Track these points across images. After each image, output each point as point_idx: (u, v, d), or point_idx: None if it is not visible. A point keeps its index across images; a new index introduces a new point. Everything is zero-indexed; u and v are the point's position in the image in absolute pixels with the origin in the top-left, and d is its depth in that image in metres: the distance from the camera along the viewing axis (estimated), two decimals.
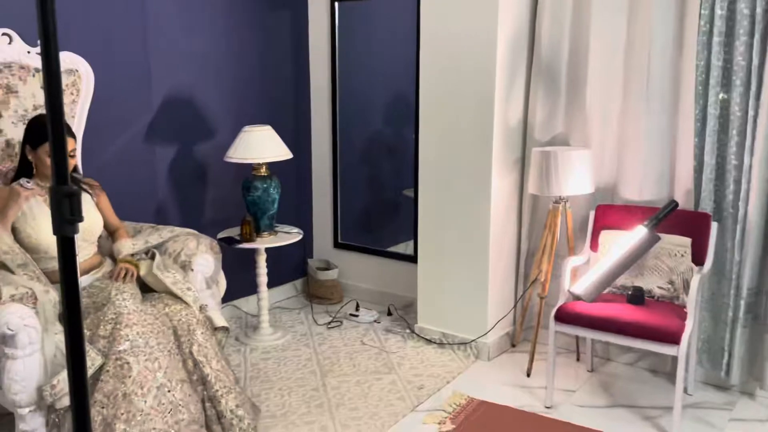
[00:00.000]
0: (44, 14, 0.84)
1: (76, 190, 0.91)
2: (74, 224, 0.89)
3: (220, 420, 2.24)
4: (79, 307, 0.94)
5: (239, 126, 3.26)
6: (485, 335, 3.10)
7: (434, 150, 3.13)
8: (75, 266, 0.93)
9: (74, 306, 0.92)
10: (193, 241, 2.49)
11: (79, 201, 0.93)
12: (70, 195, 0.88)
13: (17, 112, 2.37)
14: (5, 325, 1.86)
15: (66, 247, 0.90)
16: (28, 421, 1.95)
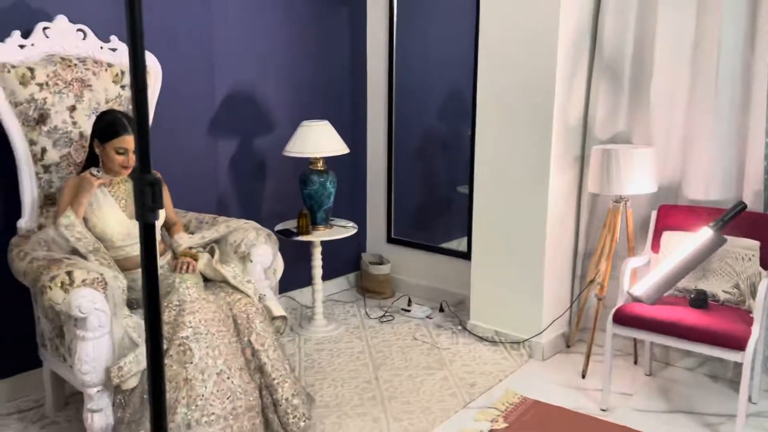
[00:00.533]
0: (132, 14, 0.88)
1: (158, 179, 0.95)
2: (155, 211, 0.93)
3: (276, 408, 2.29)
4: (158, 290, 0.98)
5: (297, 121, 3.31)
6: (539, 335, 3.06)
7: (491, 147, 3.10)
8: (155, 251, 0.98)
9: (153, 288, 0.96)
10: (253, 233, 2.55)
11: (161, 189, 0.97)
12: (152, 183, 0.92)
13: (90, 105, 2.48)
14: (77, 308, 1.95)
15: (147, 233, 0.94)
16: (96, 401, 2.05)
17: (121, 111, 2.41)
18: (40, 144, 2.36)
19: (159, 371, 1.00)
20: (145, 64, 0.93)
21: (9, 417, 2.51)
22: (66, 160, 2.43)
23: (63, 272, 1.98)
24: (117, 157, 2.26)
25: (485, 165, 3.15)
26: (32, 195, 2.38)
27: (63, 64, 2.41)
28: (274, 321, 2.45)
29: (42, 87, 2.34)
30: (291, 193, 3.60)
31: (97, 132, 2.29)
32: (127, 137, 2.26)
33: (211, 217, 2.69)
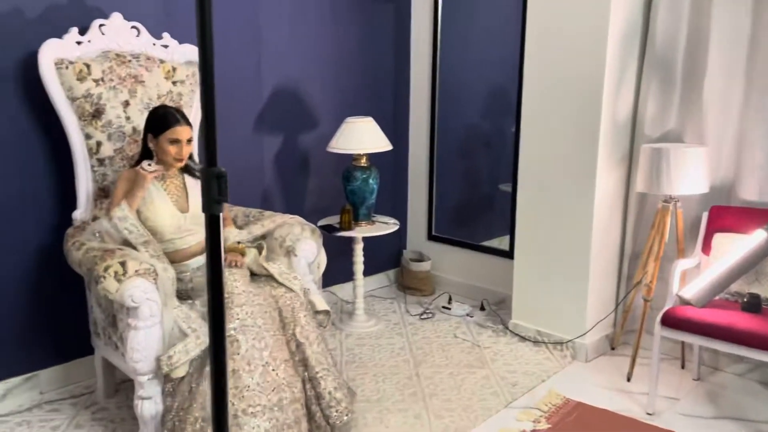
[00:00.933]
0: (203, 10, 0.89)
1: (224, 172, 0.97)
2: (221, 203, 0.95)
3: (319, 401, 2.31)
4: (221, 280, 1.00)
5: (340, 117, 3.33)
6: (583, 336, 3.01)
7: (536, 144, 3.07)
8: (220, 242, 1.00)
9: (217, 278, 0.98)
10: (298, 228, 2.58)
11: (226, 182, 0.98)
12: (218, 176, 0.94)
13: (143, 101, 2.54)
14: (130, 297, 2.00)
15: (213, 224, 0.96)
16: (146, 388, 2.10)
17: (172, 106, 2.46)
18: (96, 138, 2.43)
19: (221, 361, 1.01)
20: (212, 60, 0.94)
21: (62, 402, 2.60)
22: (119, 154, 2.50)
23: (116, 262, 2.03)
24: (170, 148, 2.32)
25: (530, 163, 3.11)
26: (87, 187, 2.45)
27: (118, 60, 2.48)
28: (317, 315, 2.47)
29: (98, 82, 2.41)
30: (333, 188, 3.63)
31: (150, 126, 2.35)
32: (179, 128, 2.31)
33: (258, 211, 2.72)
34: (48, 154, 2.56)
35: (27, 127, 2.49)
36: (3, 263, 2.50)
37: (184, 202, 2.41)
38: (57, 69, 2.33)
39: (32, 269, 2.58)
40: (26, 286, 2.57)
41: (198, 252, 2.42)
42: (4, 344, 2.55)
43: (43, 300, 2.62)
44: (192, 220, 2.40)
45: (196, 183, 2.47)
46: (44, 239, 2.59)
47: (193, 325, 2.12)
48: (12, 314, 2.55)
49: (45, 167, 2.56)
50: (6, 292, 2.52)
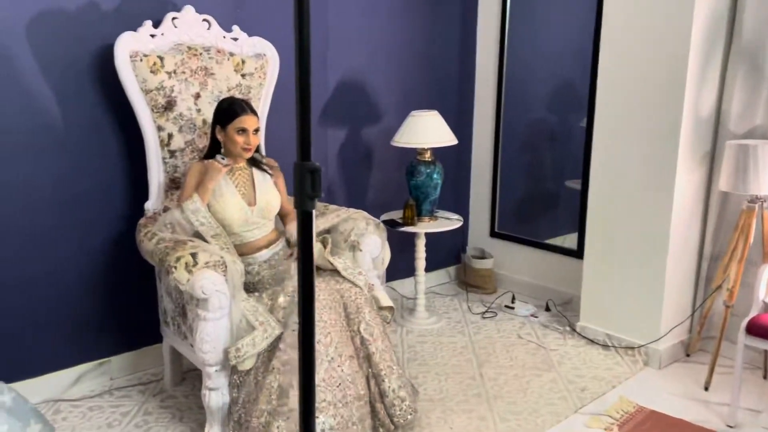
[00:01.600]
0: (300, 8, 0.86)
1: (318, 167, 0.93)
2: (314, 199, 0.91)
3: (383, 399, 2.27)
4: (312, 278, 0.97)
5: (404, 110, 3.28)
6: (657, 341, 2.87)
7: (611, 140, 2.94)
8: (312, 239, 0.96)
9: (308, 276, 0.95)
10: (362, 223, 2.55)
11: (320, 177, 0.95)
12: (312, 171, 0.90)
13: (213, 93, 2.56)
14: (200, 288, 2.01)
15: (305, 220, 0.92)
16: (214, 379, 2.11)
17: (238, 97, 2.46)
18: (167, 130, 2.46)
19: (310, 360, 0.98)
20: (309, 56, 0.91)
21: (131, 388, 2.65)
22: (190, 146, 2.52)
23: (187, 254, 2.05)
24: (238, 138, 2.32)
25: (604, 160, 2.99)
26: (159, 179, 2.48)
27: (189, 53, 2.50)
28: (380, 311, 2.44)
29: (170, 75, 2.44)
30: (396, 183, 3.59)
31: (218, 117, 2.36)
32: (245, 117, 2.31)
33: (323, 205, 2.71)
34: (121, 145, 2.61)
35: (101, 119, 2.55)
36: (77, 251, 2.56)
37: (252, 196, 2.41)
38: (132, 61, 2.36)
39: (105, 258, 2.64)
40: (99, 273, 2.64)
41: (264, 245, 2.42)
42: (79, 330, 2.62)
43: (114, 288, 2.68)
44: (259, 213, 2.40)
45: (263, 176, 2.47)
46: (117, 229, 2.65)
47: (261, 318, 2.12)
48: (85, 302, 2.62)
49: (118, 158, 2.61)
50: (79, 279, 2.59)
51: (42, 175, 2.44)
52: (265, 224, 2.44)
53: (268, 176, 2.49)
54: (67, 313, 2.58)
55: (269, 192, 2.45)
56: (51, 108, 2.42)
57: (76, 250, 2.56)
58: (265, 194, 2.43)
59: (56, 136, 2.45)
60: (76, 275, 2.58)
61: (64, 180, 2.50)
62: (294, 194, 0.95)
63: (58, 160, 2.47)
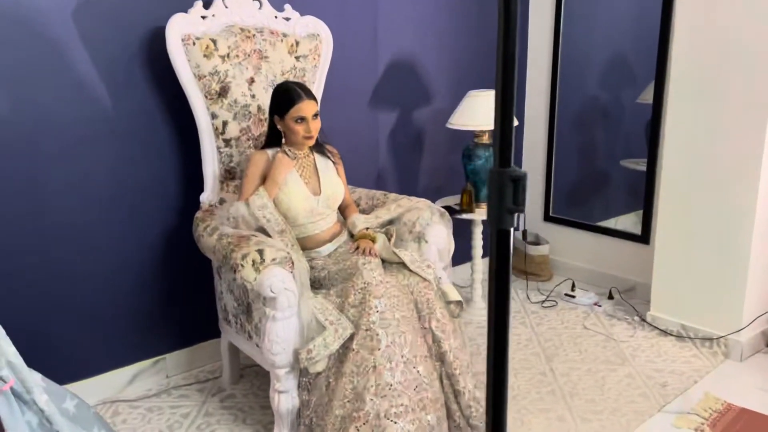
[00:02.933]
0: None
1: (523, 174, 0.77)
2: (513, 214, 0.76)
3: (458, 399, 2.14)
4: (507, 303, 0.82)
5: (455, 91, 3.12)
6: (739, 332, 2.70)
7: (689, 116, 2.73)
8: (509, 263, 0.80)
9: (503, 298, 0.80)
10: (427, 212, 2.40)
11: (525, 187, 0.78)
12: (515, 179, 0.74)
13: (267, 78, 2.41)
14: (268, 287, 1.89)
15: (502, 240, 0.77)
16: (283, 382, 2.00)
17: (295, 81, 2.31)
18: (221, 117, 2.33)
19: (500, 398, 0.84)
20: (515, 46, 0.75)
21: (189, 387, 2.56)
22: (245, 134, 2.39)
23: (254, 250, 1.92)
24: (296, 127, 2.18)
25: (680, 137, 2.78)
26: (214, 169, 2.36)
27: (242, 35, 2.36)
28: (448, 305, 2.30)
29: (224, 59, 2.30)
30: (448, 167, 3.44)
31: (275, 107, 2.22)
32: (302, 105, 2.16)
33: (382, 194, 2.56)
34: (174, 135, 2.49)
35: (153, 108, 2.42)
36: (130, 246, 2.46)
37: (316, 184, 2.27)
38: (184, 45, 2.23)
39: (158, 252, 2.54)
40: (153, 269, 2.53)
41: (329, 238, 2.29)
42: (134, 328, 2.53)
43: (169, 283, 2.58)
44: (324, 203, 2.26)
45: (326, 163, 2.33)
46: (170, 222, 2.54)
47: (331, 317, 1.99)
48: (139, 298, 2.52)
49: (171, 149, 2.49)
50: (133, 275, 2.49)
51: (95, 168, 2.33)
52: (330, 215, 2.30)
53: (330, 163, 2.35)
54: (121, 311, 2.49)
55: (333, 180, 2.31)
56: (102, 97, 2.30)
57: (129, 245, 2.46)
58: (329, 182, 2.29)
59: (108, 127, 2.34)
60: (130, 271, 2.48)
61: (117, 172, 2.38)
62: (488, 208, 0.78)
63: (111, 152, 2.36)
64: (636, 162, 3.68)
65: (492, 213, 0.75)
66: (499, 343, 0.81)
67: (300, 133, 2.19)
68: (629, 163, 3.69)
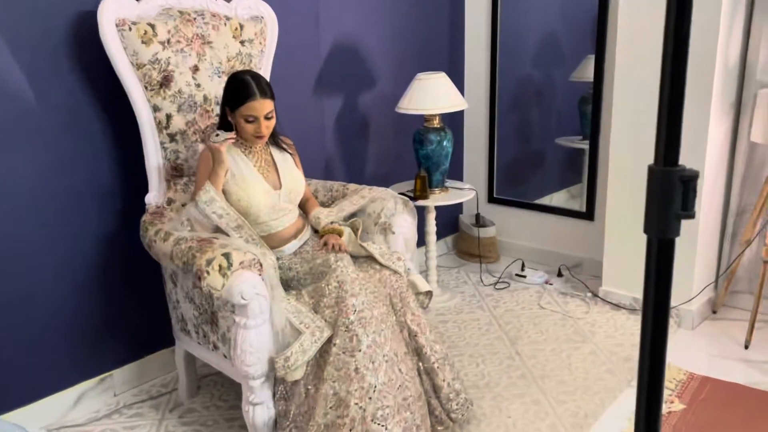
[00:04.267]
0: None
1: (694, 174, 0.66)
2: (681, 221, 0.66)
3: (437, 394, 2.08)
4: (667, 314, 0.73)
5: (398, 74, 3.03)
6: (690, 301, 2.79)
7: (632, 92, 2.77)
8: (670, 279, 0.71)
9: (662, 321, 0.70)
10: (391, 202, 2.30)
11: (695, 189, 0.68)
12: (685, 180, 0.64)
13: (212, 65, 2.22)
14: (239, 294, 1.73)
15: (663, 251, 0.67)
16: (258, 393, 1.86)
17: (252, 71, 2.13)
18: (165, 110, 2.12)
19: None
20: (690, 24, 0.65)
21: (142, 404, 2.36)
22: (191, 127, 2.19)
23: (219, 254, 1.76)
24: (247, 126, 2.00)
25: (624, 116, 2.83)
26: (158, 167, 2.15)
27: (182, 19, 2.15)
28: (417, 296, 2.22)
29: (164, 45, 2.09)
30: (395, 153, 3.36)
31: (227, 98, 2.03)
32: (254, 103, 1.98)
33: (341, 185, 2.44)
34: (109, 130, 2.25)
35: (83, 101, 2.18)
36: (65, 257, 2.21)
37: (276, 178, 2.12)
38: (119, 31, 2.00)
39: (96, 260, 2.30)
40: (92, 279, 2.30)
41: (293, 234, 2.14)
42: (75, 345, 2.29)
43: (110, 293, 2.36)
44: (286, 197, 2.11)
45: (283, 156, 2.18)
46: (108, 226, 2.31)
47: (306, 320, 1.86)
48: (79, 312, 2.28)
49: (106, 145, 2.26)
50: (71, 288, 2.25)
51: (18, 171, 2.06)
52: (293, 210, 2.16)
53: (288, 156, 2.20)
54: (59, 328, 2.24)
55: (293, 173, 2.17)
56: (23, 91, 2.04)
57: (63, 254, 2.21)
58: (289, 175, 2.14)
59: (32, 124, 2.07)
60: (67, 284, 2.24)
61: (45, 175, 2.13)
62: (647, 214, 0.68)
63: (37, 152, 2.10)
64: (570, 140, 3.75)
65: (653, 220, 0.66)
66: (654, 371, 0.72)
67: (249, 132, 2.02)
68: (564, 141, 3.75)
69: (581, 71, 3.52)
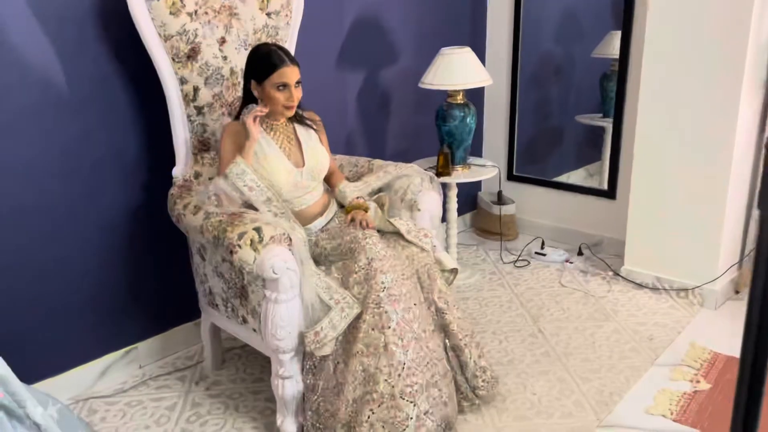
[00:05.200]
0: None
1: None
2: None
3: (464, 371, 2.09)
4: None
5: (420, 49, 2.99)
6: (714, 281, 2.77)
7: (660, 71, 2.72)
8: None
9: None
10: (417, 178, 2.28)
11: None
12: None
13: (239, 37, 2.19)
14: (270, 268, 1.73)
15: None
16: (287, 367, 1.86)
17: (275, 43, 2.11)
18: (192, 83, 2.10)
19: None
20: None
21: (168, 377, 2.38)
22: (218, 101, 2.17)
23: (251, 229, 1.75)
24: (278, 94, 1.98)
25: (653, 93, 2.78)
26: (186, 140, 2.14)
27: None
28: (443, 273, 2.21)
29: (192, 17, 2.06)
30: (415, 129, 3.33)
31: (252, 70, 2.00)
32: (286, 69, 1.97)
33: (366, 160, 2.42)
34: (135, 102, 2.23)
35: (109, 72, 2.16)
36: (88, 229, 2.21)
37: (299, 156, 2.10)
38: (147, 1, 1.97)
39: (122, 233, 2.30)
40: (116, 251, 2.30)
41: (319, 212, 2.13)
42: (100, 318, 2.30)
43: (135, 266, 2.36)
44: (309, 175, 2.09)
45: (308, 132, 2.16)
46: (134, 200, 2.30)
47: (336, 295, 1.86)
48: (105, 285, 2.29)
49: (132, 118, 2.24)
50: (97, 261, 2.25)
51: (44, 144, 2.06)
52: (317, 187, 2.14)
53: (312, 132, 2.17)
54: (85, 300, 2.25)
55: (317, 150, 2.14)
56: (50, 62, 2.02)
57: (89, 227, 2.21)
58: (313, 152, 2.12)
59: (58, 97, 2.06)
60: (93, 256, 2.24)
61: (71, 147, 2.12)
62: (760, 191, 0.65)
63: (62, 123, 2.08)
64: (590, 117, 3.70)
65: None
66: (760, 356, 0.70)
67: (280, 101, 1.99)
68: (584, 119, 3.71)
69: (603, 47, 3.46)
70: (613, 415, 2.09)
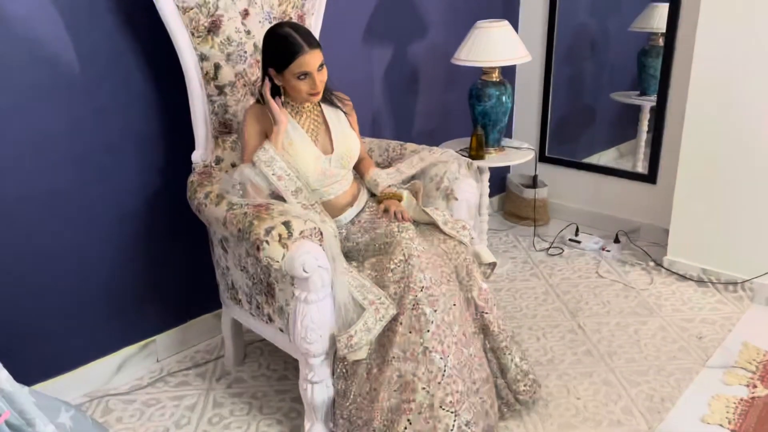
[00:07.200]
0: None
1: None
2: None
3: (504, 375, 1.94)
4: None
5: (451, 22, 2.79)
6: (766, 275, 2.59)
7: (717, 45, 2.51)
8: None
9: None
10: (454, 165, 2.10)
11: None
12: None
13: (263, 9, 2.01)
14: (301, 266, 1.58)
15: None
16: (317, 371, 1.72)
17: (290, 22, 1.91)
18: (213, 59, 1.93)
19: None
20: None
21: (187, 372, 2.25)
22: (241, 79, 2.00)
23: (279, 223, 1.59)
24: (301, 85, 1.78)
25: (707, 71, 2.57)
26: (206, 122, 1.98)
27: None
28: (480, 267, 2.05)
29: None
30: (444, 108, 3.14)
31: (270, 59, 1.79)
32: (305, 58, 1.74)
33: (398, 144, 2.25)
34: (151, 80, 2.07)
35: (123, 48, 1.99)
36: (101, 215, 2.07)
37: (327, 141, 1.92)
38: None
39: (137, 220, 2.16)
40: (131, 240, 2.16)
41: (349, 202, 1.97)
42: (115, 310, 2.18)
43: (151, 256, 2.22)
44: (337, 162, 1.91)
45: (337, 115, 1.98)
46: (150, 186, 2.15)
47: (370, 295, 1.70)
48: (117, 275, 2.15)
49: (148, 97, 2.08)
50: (111, 249, 2.11)
51: (54, 125, 1.90)
52: (346, 176, 1.97)
53: (342, 114, 1.99)
54: (100, 291, 2.12)
55: (347, 134, 1.96)
56: (58, 36, 1.85)
57: (102, 214, 2.07)
58: (342, 137, 1.94)
59: (69, 74, 1.90)
60: (105, 244, 2.10)
61: (82, 128, 1.96)
62: None
63: (72, 103, 1.92)
64: (627, 95, 3.50)
65: None
66: None
67: (303, 90, 1.80)
68: (619, 96, 3.51)
69: (643, 20, 3.24)
70: (665, 424, 1.94)
